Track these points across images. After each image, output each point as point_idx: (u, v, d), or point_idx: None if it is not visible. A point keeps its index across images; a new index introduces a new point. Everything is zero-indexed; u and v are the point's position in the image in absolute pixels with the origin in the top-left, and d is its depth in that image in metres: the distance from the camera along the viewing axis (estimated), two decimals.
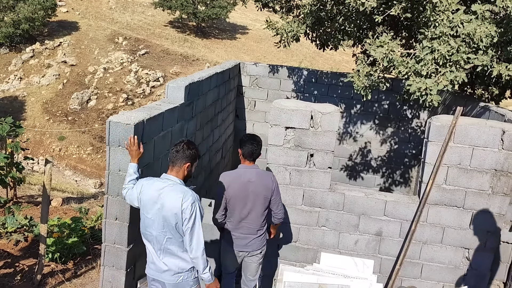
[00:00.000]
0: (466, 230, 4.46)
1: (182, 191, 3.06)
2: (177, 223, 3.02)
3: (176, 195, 3.02)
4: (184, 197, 3.02)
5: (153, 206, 3.06)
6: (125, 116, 3.68)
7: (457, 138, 4.28)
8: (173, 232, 3.06)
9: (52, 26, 25.97)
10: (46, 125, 19.94)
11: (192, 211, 3.02)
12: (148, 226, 3.12)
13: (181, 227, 3.02)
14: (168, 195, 3.03)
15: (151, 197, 3.07)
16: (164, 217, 3.03)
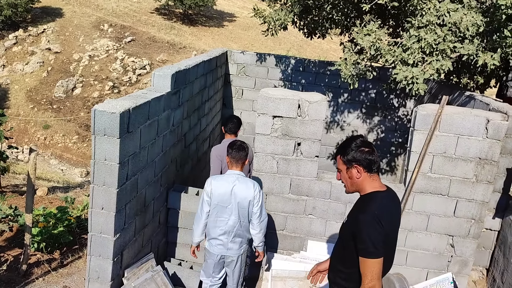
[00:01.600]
0: (450, 217, 4.52)
1: (251, 181, 3.82)
2: (249, 207, 3.77)
3: (247, 185, 3.77)
4: (254, 185, 3.79)
5: (229, 197, 3.75)
6: (110, 104, 3.63)
7: (442, 127, 4.32)
8: (245, 216, 3.80)
9: (35, 12, 25.44)
10: (30, 113, 19.64)
11: (260, 196, 3.81)
12: (223, 214, 3.79)
13: (251, 210, 3.78)
14: (241, 186, 3.75)
15: (225, 190, 3.75)
16: (239, 204, 3.75)
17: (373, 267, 2.38)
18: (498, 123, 4.25)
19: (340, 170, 2.61)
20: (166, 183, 4.86)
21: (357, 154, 2.52)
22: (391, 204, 2.54)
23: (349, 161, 2.54)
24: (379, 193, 2.52)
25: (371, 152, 2.52)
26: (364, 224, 2.39)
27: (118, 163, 3.61)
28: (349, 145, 2.56)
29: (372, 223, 2.39)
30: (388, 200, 2.52)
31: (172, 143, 4.96)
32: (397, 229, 2.61)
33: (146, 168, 4.22)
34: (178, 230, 5.04)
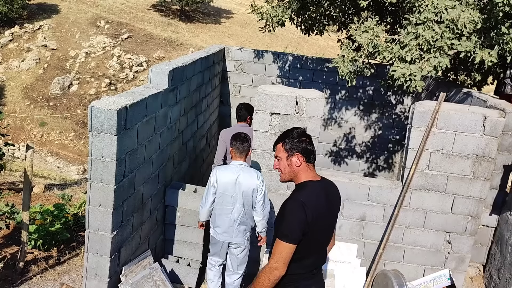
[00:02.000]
0: (447, 214, 4.54)
1: (254, 171, 4.01)
2: (253, 196, 3.94)
3: (251, 175, 3.94)
4: (257, 175, 3.96)
5: (234, 186, 3.91)
6: (107, 101, 3.62)
7: (440, 124, 4.33)
8: (249, 204, 3.98)
9: (31, 9, 25.31)
10: (26, 110, 19.57)
11: (263, 185, 3.99)
12: (227, 203, 3.95)
13: (255, 199, 3.96)
14: (245, 176, 3.93)
15: (230, 179, 3.92)
16: (244, 193, 3.92)
17: (282, 250, 2.42)
18: (495, 120, 4.26)
19: (280, 158, 2.63)
20: (163, 180, 4.85)
21: (299, 143, 2.59)
22: (322, 194, 2.56)
23: (291, 149, 2.59)
24: (311, 182, 2.58)
25: (310, 143, 2.61)
26: (288, 210, 2.45)
27: (116, 160, 3.60)
28: (291, 134, 2.63)
29: (295, 210, 2.43)
30: (319, 190, 2.56)
31: (169, 140, 4.95)
32: (329, 220, 2.63)
33: (144, 165, 4.21)
34: (176, 227, 5.03)
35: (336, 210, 2.69)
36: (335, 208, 2.68)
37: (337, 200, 2.70)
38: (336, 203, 2.68)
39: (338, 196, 2.72)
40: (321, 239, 2.60)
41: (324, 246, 2.67)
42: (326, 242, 2.67)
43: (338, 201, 2.71)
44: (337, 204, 2.70)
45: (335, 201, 2.68)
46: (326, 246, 2.68)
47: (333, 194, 2.66)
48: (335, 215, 2.70)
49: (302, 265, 2.52)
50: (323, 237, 2.62)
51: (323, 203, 2.54)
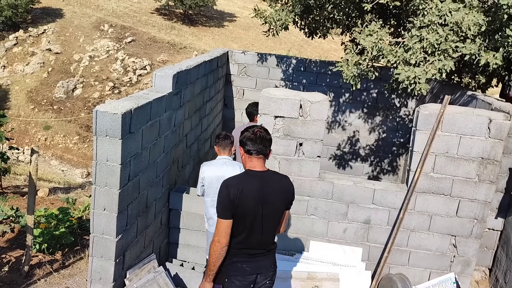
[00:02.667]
0: (453, 217, 4.51)
1: (237, 164, 4.28)
2: None
3: (233, 167, 4.22)
4: (240, 167, 4.18)
5: (218, 179, 3.96)
6: (112, 105, 3.63)
7: (444, 127, 4.31)
8: None
9: (35, 13, 25.45)
10: (31, 114, 19.64)
11: None
12: (214, 194, 3.94)
13: None
14: (228, 168, 4.19)
15: (214, 173, 4.21)
16: None
17: (219, 225, 2.81)
18: (500, 122, 4.24)
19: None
20: (167, 184, 4.85)
21: (244, 138, 2.94)
22: (255, 181, 2.85)
23: (240, 141, 2.98)
24: (250, 171, 2.92)
25: (253, 140, 2.90)
26: (219, 190, 2.86)
27: (120, 164, 3.61)
28: (247, 130, 2.98)
29: (221, 190, 2.84)
30: (253, 177, 2.87)
31: (173, 144, 4.95)
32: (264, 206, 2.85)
33: (148, 168, 4.21)
34: (180, 230, 5.03)
35: (276, 200, 2.90)
36: (275, 197, 2.90)
37: (280, 191, 2.93)
38: (276, 193, 2.90)
39: (283, 189, 2.95)
40: (253, 221, 2.84)
41: (262, 230, 2.88)
42: (264, 227, 2.88)
43: (281, 193, 2.93)
44: (278, 194, 2.91)
45: (276, 191, 2.90)
46: (265, 231, 2.90)
47: (274, 184, 2.91)
48: (275, 203, 2.91)
49: (237, 242, 2.86)
50: (257, 221, 2.85)
51: (253, 189, 2.82)
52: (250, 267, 2.89)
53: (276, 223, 2.96)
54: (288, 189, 2.98)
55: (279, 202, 2.92)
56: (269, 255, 2.99)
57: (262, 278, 2.96)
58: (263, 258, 2.96)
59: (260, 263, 2.94)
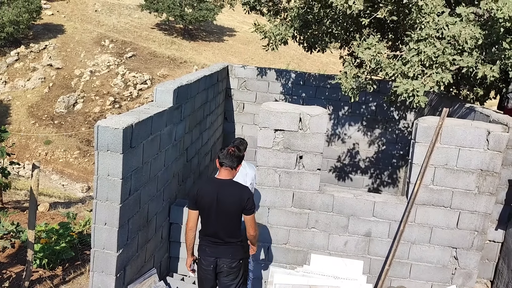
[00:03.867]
0: (453, 229, 4.51)
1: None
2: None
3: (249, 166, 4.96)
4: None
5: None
6: (113, 120, 3.66)
7: (443, 139, 4.34)
8: None
9: (37, 29, 25.69)
10: (31, 129, 19.70)
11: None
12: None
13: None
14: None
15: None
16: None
17: (188, 214, 3.75)
18: (499, 134, 4.27)
19: None
20: (168, 198, 4.87)
21: (219, 153, 3.78)
22: (214, 185, 3.69)
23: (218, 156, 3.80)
24: (214, 177, 3.79)
25: (224, 154, 3.72)
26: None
27: (121, 178, 3.63)
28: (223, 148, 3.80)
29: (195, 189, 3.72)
30: (213, 183, 3.74)
31: (174, 158, 4.98)
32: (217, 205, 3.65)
33: (149, 183, 4.22)
34: (181, 245, 5.03)
35: (227, 203, 3.65)
36: (226, 200, 3.65)
37: (231, 196, 3.66)
38: (228, 197, 3.65)
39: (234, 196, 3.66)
40: (211, 216, 3.69)
41: (217, 224, 3.70)
42: (219, 224, 3.70)
43: (232, 198, 3.65)
44: (229, 198, 3.65)
45: (228, 196, 3.66)
46: (219, 225, 3.70)
47: (228, 191, 3.67)
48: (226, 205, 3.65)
49: (202, 230, 3.80)
50: (211, 216, 3.69)
51: (210, 191, 3.67)
52: (210, 251, 3.78)
53: (231, 222, 3.70)
54: (239, 197, 3.65)
55: (230, 205, 3.66)
56: (228, 246, 3.77)
57: (221, 262, 3.78)
58: (222, 247, 3.76)
59: (218, 250, 3.77)
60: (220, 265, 3.78)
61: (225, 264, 3.78)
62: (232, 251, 3.78)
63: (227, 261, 3.78)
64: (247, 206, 3.66)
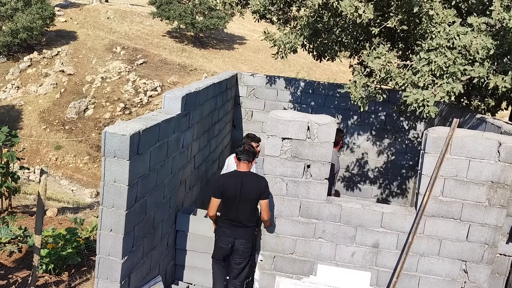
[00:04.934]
0: (463, 242, 4.44)
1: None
2: None
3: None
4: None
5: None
6: (121, 126, 3.67)
7: (453, 150, 4.28)
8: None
9: (50, 35, 26.03)
10: (42, 134, 19.89)
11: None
12: None
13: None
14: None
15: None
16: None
17: (211, 202, 4.42)
18: (510, 146, 4.20)
19: None
20: (175, 205, 4.85)
21: (237, 150, 4.57)
22: (237, 178, 4.40)
23: (235, 152, 4.58)
24: (235, 171, 4.54)
25: (241, 151, 4.50)
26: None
27: (127, 185, 3.62)
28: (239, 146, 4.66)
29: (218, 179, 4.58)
30: (236, 175, 4.44)
31: (181, 165, 4.97)
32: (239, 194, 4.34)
33: (155, 190, 4.22)
34: (187, 252, 5.00)
35: (250, 192, 4.34)
36: (249, 190, 4.34)
37: (252, 185, 4.35)
38: (250, 187, 4.35)
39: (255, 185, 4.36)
40: (234, 203, 4.36)
41: (238, 210, 4.37)
42: (240, 209, 4.37)
43: (253, 187, 4.35)
44: (251, 188, 4.35)
45: (250, 185, 4.35)
46: (240, 211, 4.37)
47: (249, 181, 4.37)
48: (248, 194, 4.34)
49: (223, 214, 4.46)
50: (234, 203, 4.36)
51: (234, 182, 4.37)
52: (230, 232, 4.45)
53: (250, 207, 4.39)
54: (258, 185, 4.35)
55: (251, 192, 4.33)
56: (245, 229, 4.45)
57: (238, 242, 4.45)
58: (241, 229, 4.44)
59: (237, 232, 4.44)
60: (237, 245, 4.48)
61: (242, 244, 4.47)
62: (248, 234, 4.47)
63: (243, 241, 4.46)
64: (265, 192, 4.34)
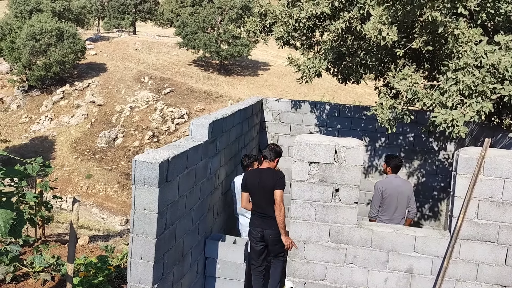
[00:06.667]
0: (501, 266, 4.26)
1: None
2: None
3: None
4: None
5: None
6: (150, 155, 3.73)
7: (486, 171, 4.16)
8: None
9: (81, 68, 27.01)
10: (74, 163, 20.42)
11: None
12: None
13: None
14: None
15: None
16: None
17: (242, 196, 5.14)
18: None
19: None
20: (203, 232, 4.86)
21: (263, 149, 5.20)
22: (257, 173, 5.05)
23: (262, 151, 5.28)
24: (258, 168, 5.30)
25: (266, 150, 5.12)
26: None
27: (157, 212, 3.66)
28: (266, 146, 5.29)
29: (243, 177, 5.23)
30: (258, 171, 5.11)
31: (209, 191, 5.00)
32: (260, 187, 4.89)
33: (184, 216, 4.24)
34: (216, 280, 4.97)
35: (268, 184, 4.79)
36: (267, 183, 4.80)
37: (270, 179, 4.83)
38: (268, 181, 4.82)
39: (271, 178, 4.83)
40: (256, 195, 4.97)
41: (262, 202, 4.88)
42: (263, 201, 4.86)
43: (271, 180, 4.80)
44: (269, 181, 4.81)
45: (268, 180, 4.84)
46: (264, 203, 4.84)
47: (267, 176, 4.89)
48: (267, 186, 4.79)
49: (253, 207, 5.05)
50: (258, 196, 4.95)
51: (253, 177, 5.03)
52: (258, 223, 4.96)
53: (270, 199, 4.74)
54: (273, 178, 4.81)
55: (267, 186, 4.79)
56: (270, 220, 4.82)
57: (266, 232, 4.87)
58: (267, 220, 4.86)
59: (264, 222, 4.88)
60: (266, 235, 4.86)
61: (270, 235, 4.82)
62: (275, 225, 4.75)
63: (271, 232, 4.80)
64: (278, 182, 4.73)
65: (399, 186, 5.54)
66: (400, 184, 5.60)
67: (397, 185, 5.55)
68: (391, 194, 5.52)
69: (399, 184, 5.58)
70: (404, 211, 5.59)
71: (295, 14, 6.32)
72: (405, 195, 5.53)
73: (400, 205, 5.53)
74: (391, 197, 5.51)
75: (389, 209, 5.55)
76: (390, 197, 5.51)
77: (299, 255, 4.57)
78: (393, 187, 5.53)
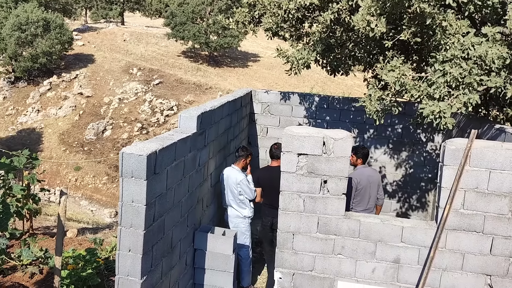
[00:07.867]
0: (487, 256, 4.33)
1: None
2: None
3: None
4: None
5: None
6: (138, 147, 3.71)
7: (473, 162, 4.21)
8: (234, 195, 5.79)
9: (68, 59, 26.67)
10: (62, 156, 20.24)
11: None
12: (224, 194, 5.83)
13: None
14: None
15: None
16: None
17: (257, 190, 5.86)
18: None
19: None
20: (192, 224, 4.86)
21: (270, 150, 6.02)
22: (268, 171, 5.87)
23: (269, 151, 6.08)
24: (268, 166, 6.12)
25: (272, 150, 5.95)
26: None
27: (145, 204, 3.65)
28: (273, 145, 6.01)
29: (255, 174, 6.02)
30: (268, 169, 5.92)
31: (198, 183, 4.99)
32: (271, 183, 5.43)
33: (173, 209, 4.24)
34: (205, 271, 4.99)
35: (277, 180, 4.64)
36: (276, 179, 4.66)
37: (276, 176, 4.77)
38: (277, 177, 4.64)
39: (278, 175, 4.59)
40: (267, 190, 5.71)
41: (272, 196, 5.21)
42: (273, 194, 5.03)
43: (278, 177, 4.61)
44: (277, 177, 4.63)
45: (277, 176, 4.69)
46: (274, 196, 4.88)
47: (276, 172, 4.89)
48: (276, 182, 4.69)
49: (264, 200, 5.87)
50: (269, 191, 5.66)
51: (266, 174, 5.84)
52: (269, 212, 5.77)
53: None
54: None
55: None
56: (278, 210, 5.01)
57: (275, 220, 4.90)
58: (275, 210, 4.78)
59: (274, 212, 5.00)
60: (275, 223, 5.19)
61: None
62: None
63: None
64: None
65: (370, 176, 5.76)
66: (371, 173, 5.83)
67: (368, 175, 5.76)
68: (365, 185, 5.70)
69: (370, 174, 5.81)
70: (375, 199, 5.82)
71: (284, 5, 6.29)
72: (375, 184, 5.76)
73: (373, 194, 5.76)
74: (365, 188, 5.69)
75: (364, 200, 5.71)
76: (364, 188, 5.68)
77: (288, 246, 4.60)
78: (365, 177, 5.72)
